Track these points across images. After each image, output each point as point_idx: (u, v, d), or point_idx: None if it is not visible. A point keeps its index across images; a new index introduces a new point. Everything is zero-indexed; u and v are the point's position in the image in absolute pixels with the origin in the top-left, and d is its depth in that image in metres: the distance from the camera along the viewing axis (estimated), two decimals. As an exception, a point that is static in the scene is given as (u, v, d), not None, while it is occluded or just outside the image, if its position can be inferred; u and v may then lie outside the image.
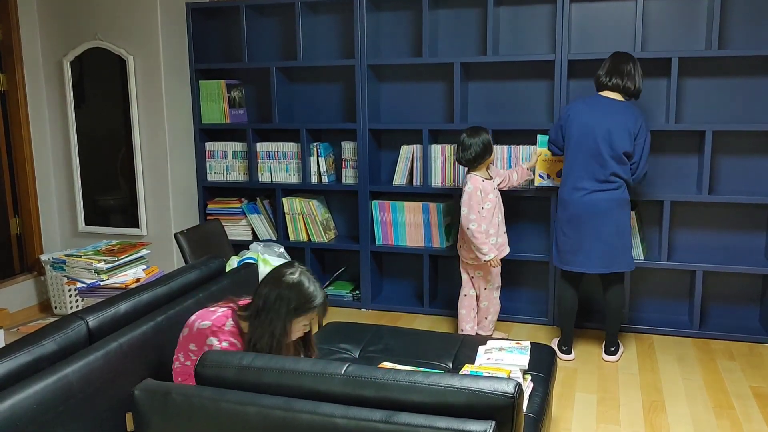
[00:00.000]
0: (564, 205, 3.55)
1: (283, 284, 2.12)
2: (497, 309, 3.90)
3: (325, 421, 1.60)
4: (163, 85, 4.36)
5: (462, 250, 3.83)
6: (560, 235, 3.59)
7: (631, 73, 3.48)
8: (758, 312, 4.07)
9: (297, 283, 2.13)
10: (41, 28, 4.53)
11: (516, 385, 1.65)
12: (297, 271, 2.17)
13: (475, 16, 4.25)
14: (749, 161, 3.96)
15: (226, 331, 2.13)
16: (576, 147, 3.49)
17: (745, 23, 3.85)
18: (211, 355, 1.85)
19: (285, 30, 4.59)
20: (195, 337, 2.15)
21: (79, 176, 4.61)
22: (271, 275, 2.18)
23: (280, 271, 2.17)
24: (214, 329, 2.12)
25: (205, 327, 2.14)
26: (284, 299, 2.10)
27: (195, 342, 2.15)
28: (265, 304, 2.11)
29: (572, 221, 3.52)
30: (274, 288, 2.12)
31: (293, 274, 2.15)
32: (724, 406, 3.16)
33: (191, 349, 2.15)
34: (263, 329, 2.09)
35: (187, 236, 3.51)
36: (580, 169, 3.48)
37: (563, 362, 3.65)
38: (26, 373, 1.80)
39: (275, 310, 2.10)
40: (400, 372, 1.72)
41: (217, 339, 2.11)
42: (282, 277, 2.14)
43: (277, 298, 2.10)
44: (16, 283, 4.48)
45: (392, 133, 4.51)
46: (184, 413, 1.71)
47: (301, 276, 2.15)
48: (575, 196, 3.49)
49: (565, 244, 3.57)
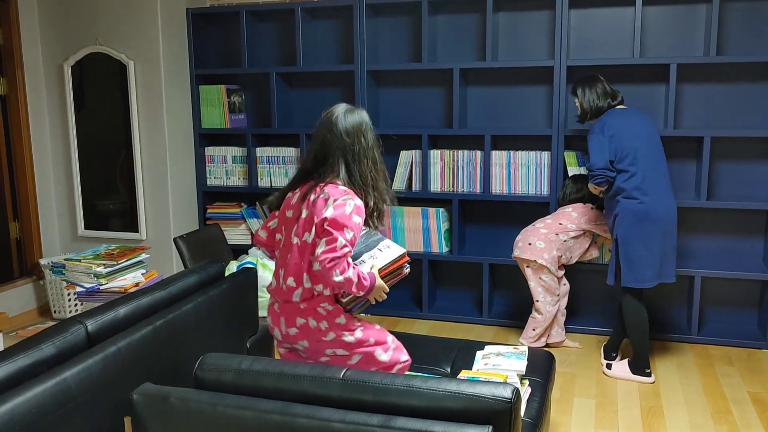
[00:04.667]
0: (651, 220, 3.31)
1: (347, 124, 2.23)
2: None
3: (322, 425, 1.60)
4: (163, 90, 4.37)
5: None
6: (639, 250, 3.32)
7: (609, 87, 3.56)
8: (756, 317, 4.07)
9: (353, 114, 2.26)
10: (42, 33, 4.54)
11: (513, 390, 1.66)
12: (336, 110, 2.26)
13: (474, 22, 4.27)
14: (747, 167, 3.97)
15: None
16: (644, 159, 3.33)
17: (743, 30, 3.87)
18: (209, 358, 1.86)
19: (285, 35, 4.61)
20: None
21: (79, 180, 4.62)
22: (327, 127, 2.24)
23: (330, 120, 2.25)
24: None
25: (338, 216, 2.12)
26: (361, 135, 2.24)
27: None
28: (353, 152, 2.22)
29: (657, 235, 3.33)
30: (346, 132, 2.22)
31: (339, 113, 2.25)
32: (723, 412, 3.16)
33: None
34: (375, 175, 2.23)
35: (186, 241, 3.52)
36: (656, 179, 3.34)
37: (561, 370, 3.65)
38: (25, 376, 1.80)
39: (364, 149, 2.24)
40: (398, 376, 1.73)
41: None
42: (336, 124, 2.23)
43: (356, 137, 2.23)
44: (16, 287, 4.48)
45: (391, 138, 4.52)
46: (182, 417, 1.71)
47: (342, 109, 2.26)
48: (662, 210, 3.33)
49: (645, 259, 3.33)
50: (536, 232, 3.82)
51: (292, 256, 2.22)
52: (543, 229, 3.81)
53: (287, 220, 2.29)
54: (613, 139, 3.36)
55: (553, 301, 3.83)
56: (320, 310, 2.23)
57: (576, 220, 3.79)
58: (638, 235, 3.33)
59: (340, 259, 2.09)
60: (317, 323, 2.23)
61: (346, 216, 2.12)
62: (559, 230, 3.79)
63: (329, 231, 2.10)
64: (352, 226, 2.13)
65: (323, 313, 2.23)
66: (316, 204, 2.17)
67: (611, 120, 3.43)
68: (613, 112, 3.48)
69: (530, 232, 3.85)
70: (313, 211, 2.17)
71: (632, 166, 3.34)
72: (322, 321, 2.23)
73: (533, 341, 3.86)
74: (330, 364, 2.22)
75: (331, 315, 2.24)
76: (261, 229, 2.42)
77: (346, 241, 2.11)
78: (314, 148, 2.28)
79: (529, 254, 3.79)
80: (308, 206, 2.20)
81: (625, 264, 3.37)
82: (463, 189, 4.26)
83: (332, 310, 2.24)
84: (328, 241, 2.10)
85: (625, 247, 3.36)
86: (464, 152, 4.23)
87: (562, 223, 3.80)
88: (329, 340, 2.25)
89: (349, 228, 2.12)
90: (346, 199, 2.15)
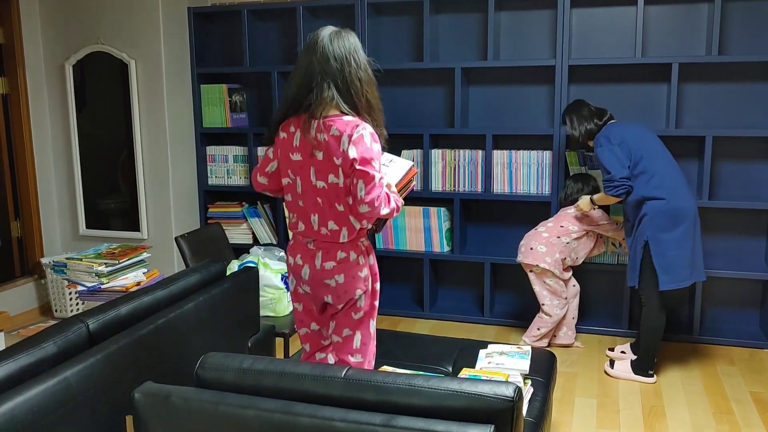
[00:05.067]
0: (681, 217, 3.30)
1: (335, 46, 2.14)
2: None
3: (324, 424, 1.60)
4: (165, 89, 4.37)
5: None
6: (674, 250, 3.30)
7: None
8: (758, 317, 4.07)
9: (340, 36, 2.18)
10: (43, 32, 4.54)
11: (516, 388, 1.65)
12: (321, 33, 2.18)
13: (476, 21, 4.26)
14: (749, 167, 3.96)
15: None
16: (657, 159, 3.36)
17: (745, 29, 3.86)
18: (211, 357, 1.85)
19: (286, 34, 4.61)
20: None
21: (81, 179, 4.62)
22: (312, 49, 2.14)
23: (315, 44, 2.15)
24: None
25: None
26: (353, 58, 2.15)
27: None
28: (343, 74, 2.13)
29: (690, 232, 3.33)
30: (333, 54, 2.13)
31: (325, 36, 2.16)
32: (724, 412, 3.15)
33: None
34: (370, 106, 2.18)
35: (187, 240, 3.51)
36: (674, 177, 3.35)
37: (563, 370, 3.65)
38: (26, 375, 1.80)
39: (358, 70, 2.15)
40: (400, 375, 1.72)
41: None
42: (321, 47, 2.14)
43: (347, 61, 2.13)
44: (17, 286, 4.48)
45: (393, 137, 4.47)
46: (183, 416, 1.71)
47: (328, 32, 2.18)
48: (689, 206, 3.33)
49: (681, 258, 3.32)
50: (538, 236, 3.81)
51: (323, 200, 2.17)
52: (545, 233, 3.80)
53: (294, 164, 2.21)
54: (623, 145, 3.36)
55: (561, 304, 3.81)
56: (360, 245, 2.26)
57: (578, 221, 3.78)
58: (671, 234, 3.30)
59: (382, 194, 2.12)
60: (357, 256, 2.24)
61: (368, 149, 2.09)
62: (561, 233, 3.77)
63: (363, 171, 2.07)
64: (376, 155, 2.12)
65: (362, 247, 2.27)
66: (329, 144, 2.11)
67: (613, 130, 3.45)
68: (608, 126, 3.51)
69: (532, 236, 3.84)
70: (329, 152, 2.11)
71: (648, 167, 3.34)
72: (360, 255, 2.25)
73: (536, 340, 3.86)
74: (346, 307, 2.27)
75: (368, 250, 2.30)
76: (259, 174, 2.34)
77: (380, 173, 2.12)
78: (298, 75, 2.17)
79: (531, 259, 3.78)
80: (320, 147, 2.13)
81: (661, 266, 3.30)
82: (465, 188, 4.26)
83: (368, 245, 2.31)
84: (367, 181, 2.08)
85: (658, 248, 3.30)
86: (466, 152, 4.23)
87: (564, 226, 3.78)
88: (363, 277, 2.26)
89: (375, 159, 2.11)
90: (360, 131, 2.10)
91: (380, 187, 2.10)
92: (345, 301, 2.27)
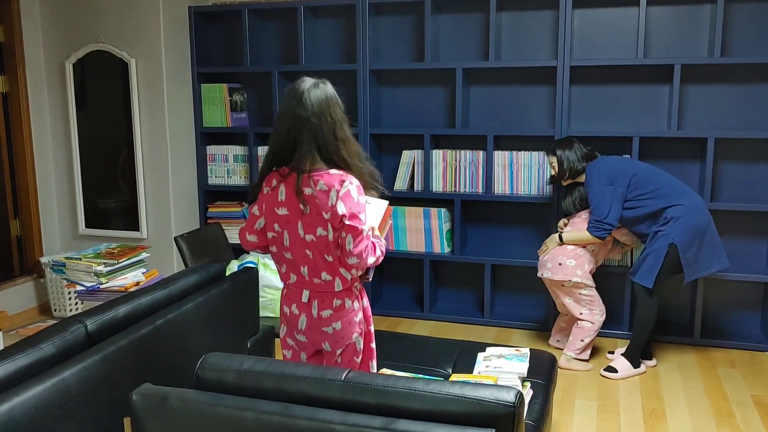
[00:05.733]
0: (701, 213, 3.45)
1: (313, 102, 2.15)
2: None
3: (323, 427, 1.58)
4: (165, 89, 4.36)
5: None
6: (700, 244, 3.44)
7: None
8: (759, 320, 4.05)
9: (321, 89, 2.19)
10: (43, 30, 4.53)
11: (517, 393, 1.64)
12: (301, 85, 2.17)
13: (477, 22, 4.25)
14: (751, 168, 3.95)
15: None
16: (656, 175, 3.52)
17: (748, 30, 3.85)
18: (210, 358, 1.84)
19: (287, 34, 4.59)
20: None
21: (80, 179, 4.61)
22: (289, 108, 2.15)
23: (293, 100, 2.15)
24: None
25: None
26: (329, 115, 2.17)
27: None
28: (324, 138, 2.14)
29: (711, 227, 3.49)
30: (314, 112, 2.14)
31: (303, 89, 2.16)
32: (725, 414, 3.14)
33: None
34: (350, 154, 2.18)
35: (187, 240, 3.51)
36: (675, 183, 3.50)
37: (563, 372, 3.63)
38: (24, 376, 1.79)
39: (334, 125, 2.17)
40: (400, 379, 1.71)
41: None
42: (300, 99, 2.14)
43: (324, 116, 2.15)
44: (16, 285, 4.47)
45: (393, 137, 4.51)
46: (182, 418, 1.70)
47: (308, 85, 2.18)
48: (702, 203, 3.49)
49: (705, 251, 3.47)
50: (563, 250, 3.66)
51: (313, 252, 2.19)
52: (569, 246, 3.67)
53: (281, 218, 2.21)
54: (616, 180, 3.48)
55: (601, 311, 3.68)
56: (354, 290, 2.29)
57: None
58: (695, 232, 3.42)
59: (368, 244, 2.18)
60: (352, 302, 2.27)
61: (356, 204, 2.14)
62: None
63: (352, 226, 2.13)
64: (362, 208, 2.17)
65: (356, 292, 2.30)
66: (318, 198, 2.13)
67: (607, 165, 3.56)
68: (595, 163, 3.59)
69: (556, 250, 3.68)
70: (317, 206, 2.13)
71: (650, 185, 3.47)
72: (355, 300, 2.28)
73: (580, 353, 3.67)
74: (345, 353, 2.29)
75: (361, 294, 2.33)
76: (248, 234, 2.32)
77: (366, 225, 2.17)
78: (283, 129, 2.18)
79: (561, 275, 3.63)
80: (308, 201, 2.14)
81: (687, 263, 3.42)
82: (465, 189, 4.25)
83: (361, 289, 2.33)
84: (355, 235, 2.13)
85: (686, 251, 3.41)
86: (466, 152, 4.21)
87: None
88: (358, 321, 2.29)
89: (362, 212, 2.16)
90: (347, 186, 2.13)
91: (367, 239, 2.18)
92: (342, 347, 2.28)
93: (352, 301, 2.27)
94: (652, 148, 4.03)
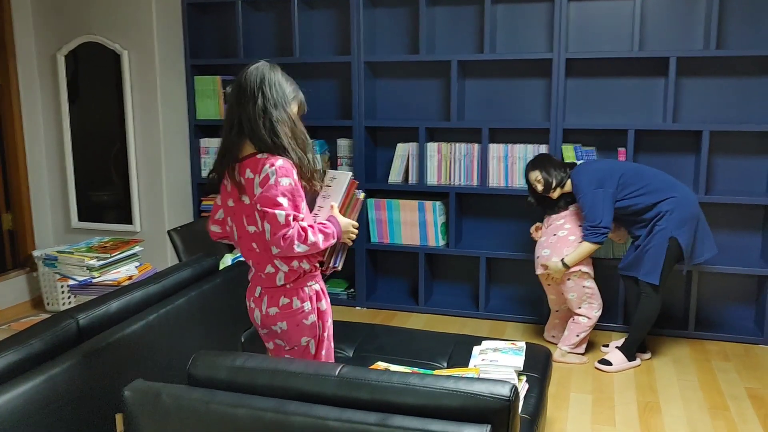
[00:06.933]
0: (692, 203, 3.47)
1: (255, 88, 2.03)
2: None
3: (318, 423, 1.57)
4: (158, 81, 4.32)
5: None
6: (694, 232, 3.47)
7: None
8: (753, 313, 4.06)
9: (263, 77, 2.04)
10: (35, 22, 4.48)
11: (512, 387, 1.63)
12: (247, 72, 2.06)
13: (473, 14, 4.23)
14: (746, 161, 3.95)
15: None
16: (644, 170, 3.54)
17: (744, 23, 3.83)
18: (203, 355, 1.83)
19: (281, 26, 4.56)
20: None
21: (73, 172, 4.57)
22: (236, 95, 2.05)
23: (240, 86, 2.05)
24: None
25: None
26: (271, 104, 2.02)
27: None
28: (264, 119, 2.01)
29: (701, 216, 3.52)
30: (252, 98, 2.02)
31: (244, 73, 2.05)
32: (719, 407, 3.15)
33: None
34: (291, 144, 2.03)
35: (180, 233, 3.48)
36: (663, 177, 3.51)
37: (557, 365, 3.63)
38: (13, 372, 1.77)
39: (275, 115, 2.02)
40: (394, 374, 1.70)
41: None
42: (246, 88, 2.02)
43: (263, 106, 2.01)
44: (8, 279, 4.44)
45: (388, 130, 4.49)
46: (174, 415, 1.68)
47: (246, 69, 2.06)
48: (691, 193, 3.51)
49: (699, 239, 3.51)
50: (565, 241, 3.61)
51: (258, 244, 2.09)
52: (570, 236, 3.62)
53: (230, 210, 2.14)
54: (605, 182, 3.46)
55: (599, 306, 3.66)
56: (307, 290, 2.14)
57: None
58: (691, 223, 3.43)
59: (290, 231, 1.97)
60: (301, 303, 2.13)
61: (271, 186, 1.97)
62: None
63: (264, 211, 1.97)
64: (283, 191, 1.98)
65: (309, 292, 2.14)
66: (251, 186, 2.02)
67: (592, 168, 3.55)
68: (581, 168, 3.59)
69: (558, 244, 3.63)
70: (251, 197, 2.03)
71: (639, 181, 3.46)
72: (306, 302, 2.13)
73: (574, 347, 3.66)
74: (297, 352, 2.17)
75: (318, 295, 2.17)
76: (212, 224, 2.25)
77: (286, 211, 1.97)
78: (226, 117, 2.11)
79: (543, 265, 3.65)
80: (245, 191, 2.05)
81: (687, 253, 3.45)
82: (460, 182, 4.23)
83: (318, 290, 2.18)
84: (270, 221, 1.97)
85: (686, 242, 3.41)
86: (461, 145, 4.20)
87: (582, 225, 3.62)
88: (309, 325, 2.15)
89: (281, 195, 1.97)
90: (266, 170, 1.99)
91: (285, 229, 1.96)
92: (292, 347, 2.18)
93: (302, 302, 2.12)
94: (647, 141, 4.03)
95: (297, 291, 2.12)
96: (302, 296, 2.13)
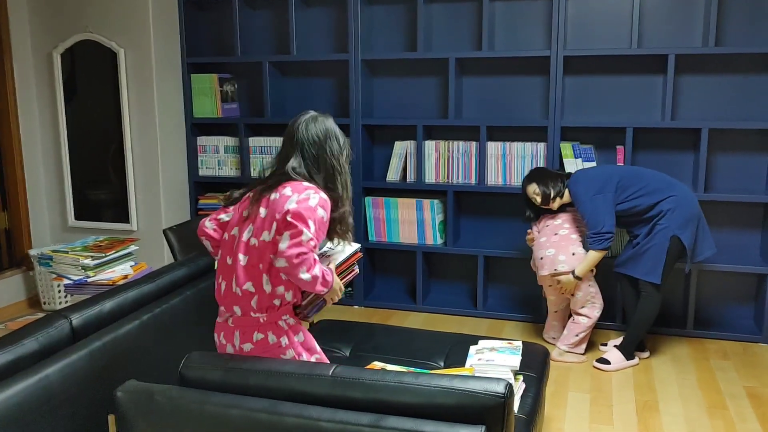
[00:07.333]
0: (692, 201, 3.44)
1: (316, 132, 2.12)
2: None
3: (311, 424, 1.56)
4: (155, 79, 4.31)
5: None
6: (695, 230, 3.45)
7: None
8: (753, 311, 4.05)
9: (324, 122, 2.15)
10: (31, 20, 4.47)
11: (506, 385, 1.62)
12: (300, 118, 2.15)
13: (470, 11, 4.21)
14: (745, 159, 3.93)
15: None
16: (641, 171, 3.52)
17: (743, 20, 3.82)
18: (196, 356, 1.81)
19: (278, 24, 4.54)
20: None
21: (69, 170, 4.56)
22: (292, 133, 2.14)
23: (297, 127, 2.15)
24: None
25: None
26: (330, 146, 2.12)
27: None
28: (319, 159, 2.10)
29: (701, 214, 3.50)
30: (315, 141, 2.11)
31: (309, 120, 2.14)
32: (718, 406, 3.14)
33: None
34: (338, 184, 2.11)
35: (176, 232, 3.46)
36: (661, 177, 3.50)
37: (555, 364, 3.62)
38: (7, 372, 1.76)
39: (332, 159, 2.12)
40: (389, 373, 1.69)
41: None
42: (302, 128, 2.12)
43: (323, 148, 2.11)
44: (5, 278, 4.43)
45: (386, 128, 4.47)
46: (167, 415, 1.67)
47: (306, 117, 2.15)
48: (689, 191, 3.49)
49: (700, 236, 3.49)
50: (568, 240, 3.59)
51: (249, 258, 2.03)
52: (572, 235, 3.60)
53: (240, 219, 2.12)
54: (604, 187, 3.44)
55: (600, 306, 3.63)
56: (282, 323, 2.06)
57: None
58: (692, 221, 3.42)
59: (307, 254, 1.93)
60: (278, 338, 2.04)
61: (310, 208, 1.96)
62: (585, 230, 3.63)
63: (293, 224, 1.93)
64: (317, 219, 1.98)
65: (285, 327, 2.06)
66: (277, 202, 2.00)
67: (589, 176, 3.53)
68: (577, 177, 3.56)
69: (562, 243, 3.59)
70: (274, 209, 2.00)
71: (637, 183, 3.44)
72: (282, 336, 2.05)
73: (574, 347, 3.64)
74: None
75: (292, 330, 2.09)
76: (209, 220, 2.24)
77: (312, 235, 1.95)
78: (278, 155, 2.19)
79: (549, 267, 3.59)
80: (267, 204, 2.03)
81: (691, 250, 3.44)
82: (458, 180, 4.22)
83: (294, 324, 2.10)
84: (293, 235, 1.93)
85: (689, 240, 3.40)
86: (459, 143, 4.18)
87: (579, 225, 3.64)
88: (288, 359, 2.03)
89: (314, 221, 1.96)
90: (310, 193, 2.00)
91: (305, 248, 1.93)
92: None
93: (278, 337, 2.04)
94: (645, 139, 4.01)
95: (272, 325, 2.05)
96: (277, 331, 2.05)
